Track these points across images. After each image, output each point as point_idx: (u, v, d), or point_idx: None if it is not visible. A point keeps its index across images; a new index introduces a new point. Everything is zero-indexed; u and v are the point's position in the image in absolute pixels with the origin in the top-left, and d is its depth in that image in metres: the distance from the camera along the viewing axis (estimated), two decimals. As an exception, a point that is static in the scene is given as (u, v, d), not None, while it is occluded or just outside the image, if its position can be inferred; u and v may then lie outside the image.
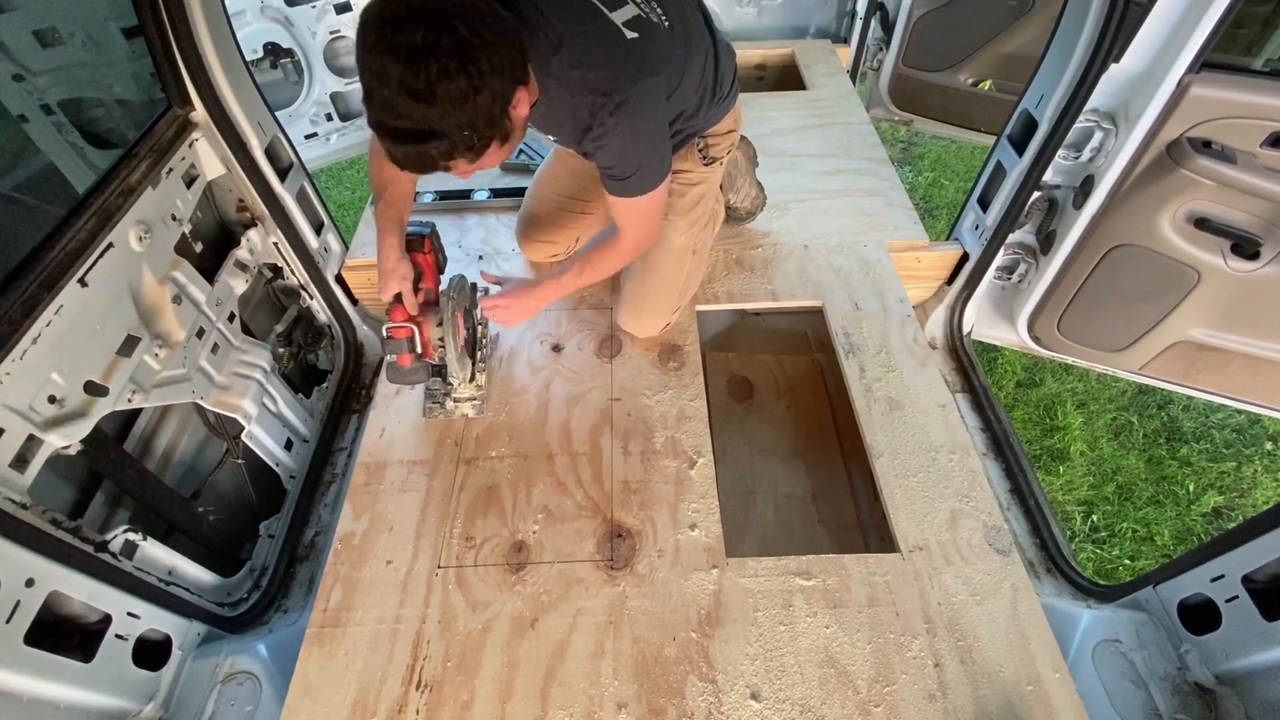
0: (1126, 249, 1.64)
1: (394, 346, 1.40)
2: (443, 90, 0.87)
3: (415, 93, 0.86)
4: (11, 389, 1.01)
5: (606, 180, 1.27)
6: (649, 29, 1.15)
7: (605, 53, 1.11)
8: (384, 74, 0.85)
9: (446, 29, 0.85)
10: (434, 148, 0.93)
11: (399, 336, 1.39)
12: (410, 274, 1.40)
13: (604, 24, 1.11)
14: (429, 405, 1.57)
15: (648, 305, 1.66)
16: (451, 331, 1.41)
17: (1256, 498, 2.34)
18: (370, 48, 0.86)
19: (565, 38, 1.08)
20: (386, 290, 1.37)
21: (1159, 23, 1.40)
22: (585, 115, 1.15)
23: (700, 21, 1.34)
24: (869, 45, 2.92)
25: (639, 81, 1.13)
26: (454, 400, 1.57)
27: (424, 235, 1.46)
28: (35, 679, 0.99)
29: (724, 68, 1.43)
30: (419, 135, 0.91)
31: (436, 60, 0.85)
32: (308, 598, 1.55)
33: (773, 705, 1.13)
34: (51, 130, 1.45)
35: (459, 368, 1.47)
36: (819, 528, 1.75)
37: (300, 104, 2.63)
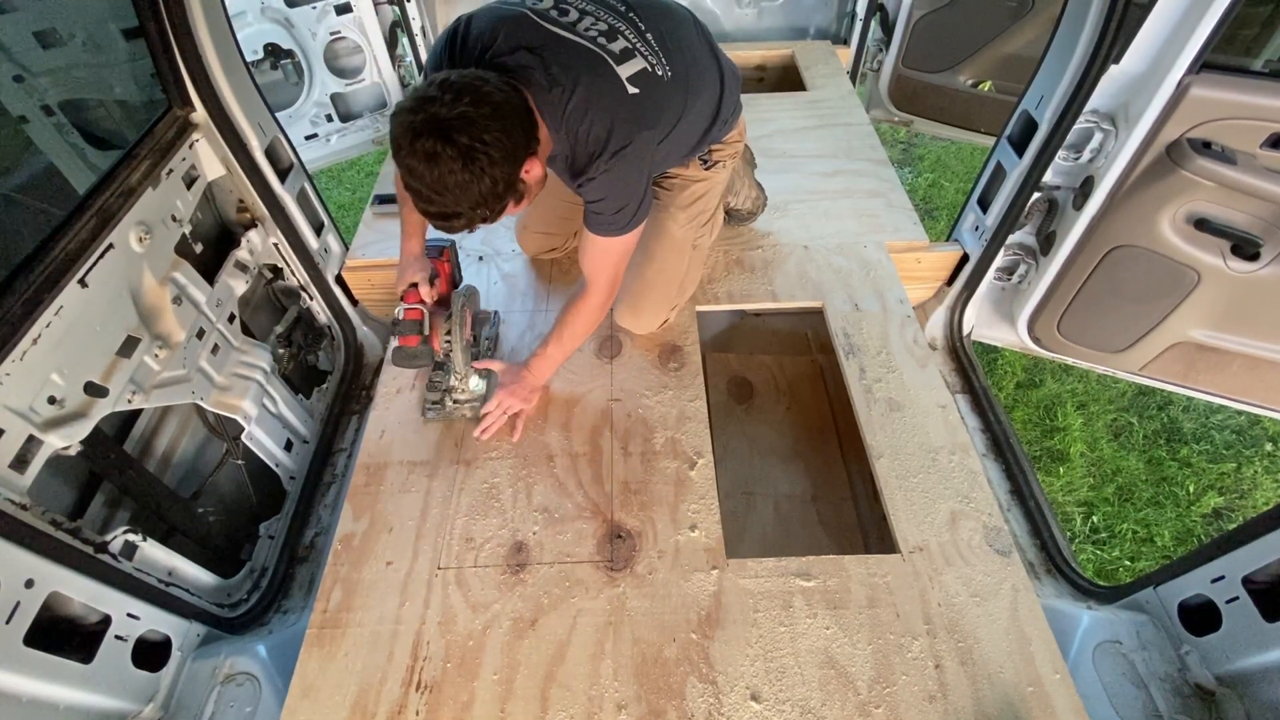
0: (1126, 250, 1.64)
1: (403, 328, 1.46)
2: (452, 183, 1.06)
3: (434, 186, 1.07)
4: (11, 389, 1.01)
5: (589, 218, 1.37)
6: (651, 83, 1.25)
7: (609, 106, 1.22)
8: (413, 171, 1.06)
9: (449, 141, 1.03)
10: (456, 222, 1.15)
11: (409, 318, 1.46)
12: (428, 269, 1.54)
13: (611, 80, 1.22)
14: (428, 405, 1.57)
15: (645, 299, 1.66)
16: (459, 325, 1.48)
17: (1256, 499, 2.34)
18: (399, 149, 1.07)
19: (576, 91, 1.20)
20: (403, 280, 1.51)
21: (1159, 24, 1.40)
22: (583, 161, 1.27)
23: (709, 57, 1.42)
24: (869, 46, 2.92)
25: (636, 135, 1.24)
26: (454, 401, 1.57)
27: (444, 246, 1.63)
28: (35, 680, 0.99)
29: (728, 97, 1.50)
30: (444, 215, 1.13)
31: (443, 164, 1.04)
32: (307, 598, 1.54)
33: (773, 706, 1.13)
34: (52, 131, 1.45)
35: (462, 361, 1.50)
36: (819, 528, 1.75)
37: (300, 105, 2.64)
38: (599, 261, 1.43)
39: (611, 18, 1.27)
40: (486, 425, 1.52)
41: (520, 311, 1.82)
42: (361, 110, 2.85)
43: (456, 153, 1.05)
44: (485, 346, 1.69)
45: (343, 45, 2.66)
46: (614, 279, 1.46)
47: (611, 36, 1.25)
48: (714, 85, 1.44)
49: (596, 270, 1.44)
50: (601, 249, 1.40)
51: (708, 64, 1.42)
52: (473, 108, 1.05)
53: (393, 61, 2.77)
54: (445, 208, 1.11)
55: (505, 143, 1.09)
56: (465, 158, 1.05)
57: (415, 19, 2.83)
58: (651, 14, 1.32)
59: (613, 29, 1.25)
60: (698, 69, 1.37)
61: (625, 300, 1.69)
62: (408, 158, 1.06)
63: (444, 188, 1.07)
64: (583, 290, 1.48)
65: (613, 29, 1.25)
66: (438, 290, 1.56)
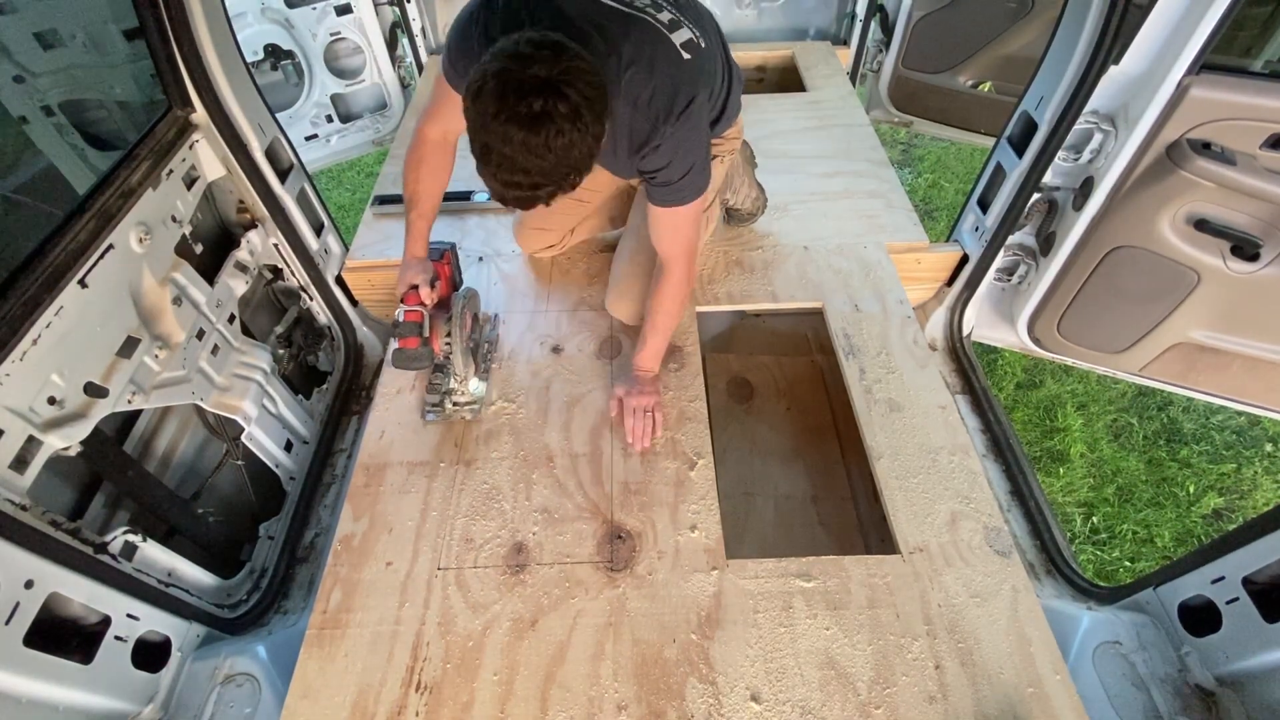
0: (1126, 250, 1.64)
1: (403, 330, 1.45)
2: (558, 144, 0.99)
3: (535, 151, 0.99)
4: (11, 390, 1.01)
5: (655, 191, 1.34)
6: (698, 51, 1.26)
7: (669, 72, 1.21)
8: (507, 137, 0.98)
9: (561, 96, 0.97)
10: (544, 193, 1.07)
11: (409, 320, 1.45)
12: (429, 272, 1.51)
13: (668, 47, 1.22)
14: (428, 407, 1.57)
15: (638, 286, 1.65)
16: (459, 327, 1.49)
17: (1256, 499, 2.34)
18: (493, 115, 0.97)
19: (633, 60, 1.18)
20: (404, 282, 1.49)
21: (1158, 24, 1.40)
22: (645, 128, 1.24)
23: (722, 50, 1.44)
24: (869, 47, 2.92)
25: (695, 95, 1.23)
26: (453, 404, 1.57)
27: (445, 249, 1.61)
28: (34, 681, 0.99)
29: (734, 92, 1.51)
30: (533, 185, 1.05)
31: (554, 124, 0.97)
32: (307, 599, 1.54)
33: (773, 707, 1.13)
34: (52, 131, 1.45)
35: (463, 363, 1.51)
36: (819, 529, 1.75)
37: (300, 105, 2.64)
38: (672, 237, 1.41)
39: None
40: (636, 435, 1.49)
41: (520, 312, 1.82)
42: (361, 111, 2.85)
43: (568, 109, 0.98)
44: (485, 349, 1.68)
45: (343, 46, 2.66)
46: (690, 250, 1.44)
47: (658, 7, 1.25)
48: (723, 74, 1.45)
49: (672, 245, 1.42)
50: (672, 223, 1.38)
51: (722, 53, 1.44)
52: (574, 62, 0.99)
53: (393, 62, 2.78)
54: (542, 175, 1.03)
55: (602, 99, 1.03)
56: (575, 116, 0.99)
57: (415, 20, 2.84)
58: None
59: (656, 2, 1.26)
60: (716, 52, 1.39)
61: (618, 288, 1.69)
62: (506, 124, 0.97)
63: (547, 150, 0.99)
64: (662, 273, 1.46)
65: (656, 2, 1.26)
66: (438, 292, 1.54)
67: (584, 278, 1.91)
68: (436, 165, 1.48)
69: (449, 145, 1.49)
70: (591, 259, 1.96)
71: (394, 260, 1.97)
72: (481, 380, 1.60)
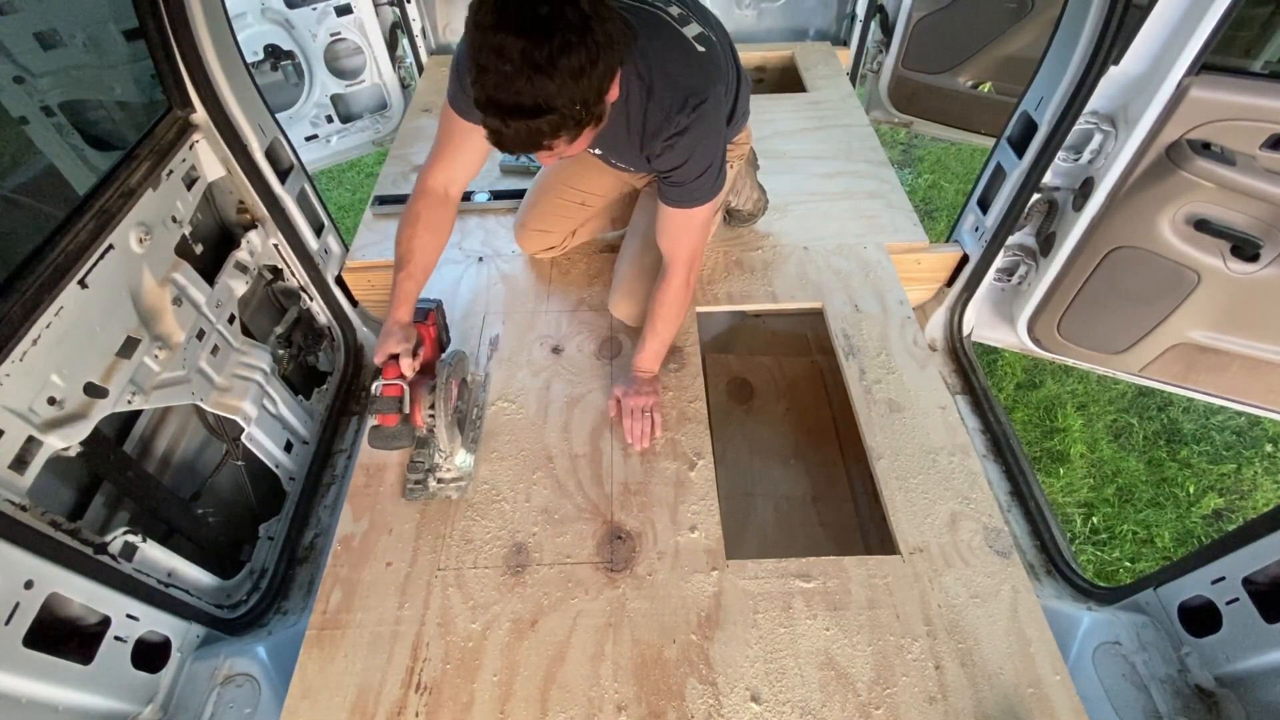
0: (1126, 251, 1.64)
1: (381, 405, 1.28)
2: (563, 63, 0.87)
3: (537, 65, 0.86)
4: (11, 390, 1.01)
5: (669, 191, 1.30)
6: (710, 45, 1.23)
7: (683, 60, 1.18)
8: (503, 49, 0.86)
9: (570, 2, 0.86)
10: (546, 122, 0.93)
11: (388, 395, 1.29)
12: (412, 339, 1.34)
13: (680, 38, 1.19)
14: (410, 485, 1.42)
15: (641, 287, 1.64)
16: (444, 398, 1.33)
17: (1256, 500, 2.34)
18: (490, 25, 0.86)
19: (649, 48, 1.15)
20: (383, 350, 1.31)
21: (1158, 25, 1.40)
22: (659, 118, 1.19)
23: (728, 48, 1.42)
24: (869, 47, 2.93)
25: (711, 88, 1.19)
26: (437, 480, 1.43)
27: (429, 309, 1.45)
28: (34, 681, 0.99)
29: (742, 96, 1.50)
30: (534, 110, 0.91)
31: (560, 33, 0.86)
32: (307, 600, 1.54)
33: (773, 708, 1.13)
34: (52, 132, 1.45)
35: (447, 438, 1.37)
36: (819, 530, 1.75)
37: (301, 106, 2.64)
38: (680, 238, 1.37)
39: None
40: (635, 435, 1.47)
41: (520, 312, 1.82)
42: (362, 111, 2.85)
43: (578, 18, 0.86)
44: (474, 415, 1.55)
45: (343, 46, 2.67)
46: (695, 253, 1.40)
47: (667, 2, 1.22)
48: (734, 80, 1.43)
49: (677, 247, 1.39)
50: (682, 224, 1.34)
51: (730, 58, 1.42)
52: None
53: (393, 63, 2.78)
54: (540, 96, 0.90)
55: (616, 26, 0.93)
56: (585, 29, 0.87)
57: (415, 20, 2.84)
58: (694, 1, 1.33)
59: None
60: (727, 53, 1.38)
61: (622, 288, 1.68)
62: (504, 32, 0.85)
63: (551, 66, 0.87)
64: (665, 274, 1.43)
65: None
66: (421, 358, 1.37)
67: (584, 278, 1.91)
68: (435, 222, 1.36)
69: (451, 201, 1.38)
70: (591, 259, 1.96)
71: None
72: (469, 452, 1.47)
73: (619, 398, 1.53)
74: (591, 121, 1.01)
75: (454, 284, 1.89)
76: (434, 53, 2.99)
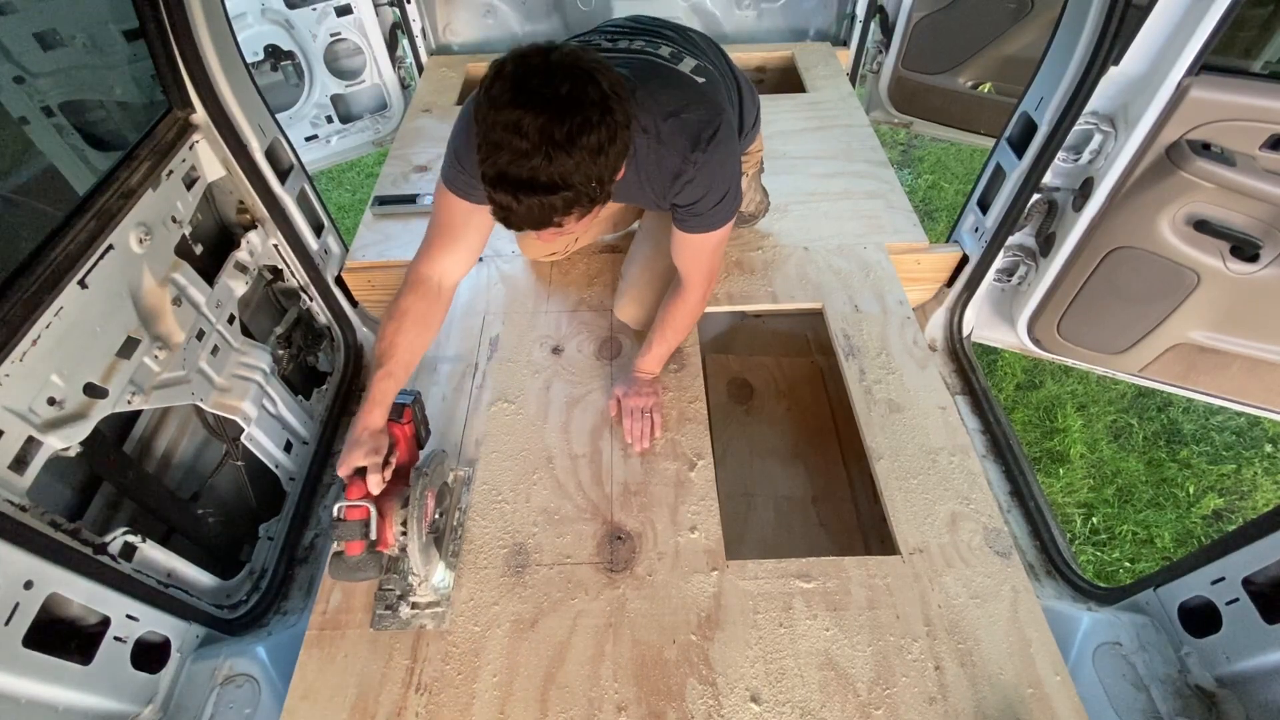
0: (1126, 251, 1.64)
1: (344, 531, 1.08)
2: (583, 141, 0.86)
3: (556, 142, 0.85)
4: (11, 390, 1.01)
5: (685, 220, 1.30)
6: (709, 75, 1.23)
7: (686, 97, 1.17)
8: (520, 125, 0.84)
9: (591, 81, 0.86)
10: (560, 199, 0.90)
11: (351, 519, 1.09)
12: (383, 448, 1.16)
13: (677, 77, 1.19)
14: (379, 613, 1.24)
15: (650, 294, 1.64)
16: (418, 515, 1.15)
17: (1256, 500, 2.34)
18: (507, 101, 0.84)
19: (649, 99, 1.13)
20: (348, 463, 1.11)
21: (1158, 25, 1.40)
22: (676, 162, 1.18)
23: (726, 65, 1.44)
24: (869, 48, 2.93)
25: (720, 117, 1.18)
26: (411, 606, 1.25)
27: (406, 405, 1.25)
28: (34, 681, 0.99)
29: (746, 106, 1.50)
30: (550, 187, 0.88)
31: (581, 111, 0.85)
32: (307, 600, 1.54)
33: (773, 708, 1.13)
34: (52, 132, 1.45)
35: (422, 561, 1.18)
36: (819, 530, 1.75)
37: (301, 106, 2.64)
38: (700, 260, 1.38)
39: (650, 36, 1.27)
40: (635, 435, 1.47)
41: (520, 312, 1.82)
42: (362, 112, 2.85)
43: (599, 97, 0.85)
44: (456, 521, 1.37)
45: (343, 47, 2.67)
46: (713, 273, 1.42)
47: (656, 47, 1.23)
48: (737, 95, 1.44)
49: (695, 268, 1.39)
50: (699, 246, 1.34)
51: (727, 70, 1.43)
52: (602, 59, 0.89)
53: (393, 63, 2.78)
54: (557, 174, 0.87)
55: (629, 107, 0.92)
56: (605, 108, 0.86)
57: (415, 20, 2.84)
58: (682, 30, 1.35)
59: (653, 43, 1.24)
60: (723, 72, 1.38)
61: (631, 293, 1.67)
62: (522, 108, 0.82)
63: (570, 144, 0.85)
64: (681, 288, 1.44)
65: (653, 43, 1.24)
66: (396, 460, 1.20)
67: (584, 278, 1.91)
68: (424, 316, 1.25)
69: (445, 295, 1.28)
70: (591, 260, 1.96)
71: (394, 261, 1.98)
72: (449, 568, 1.29)
73: (619, 398, 1.53)
74: (603, 199, 0.99)
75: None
76: (434, 53, 2.99)
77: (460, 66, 2.86)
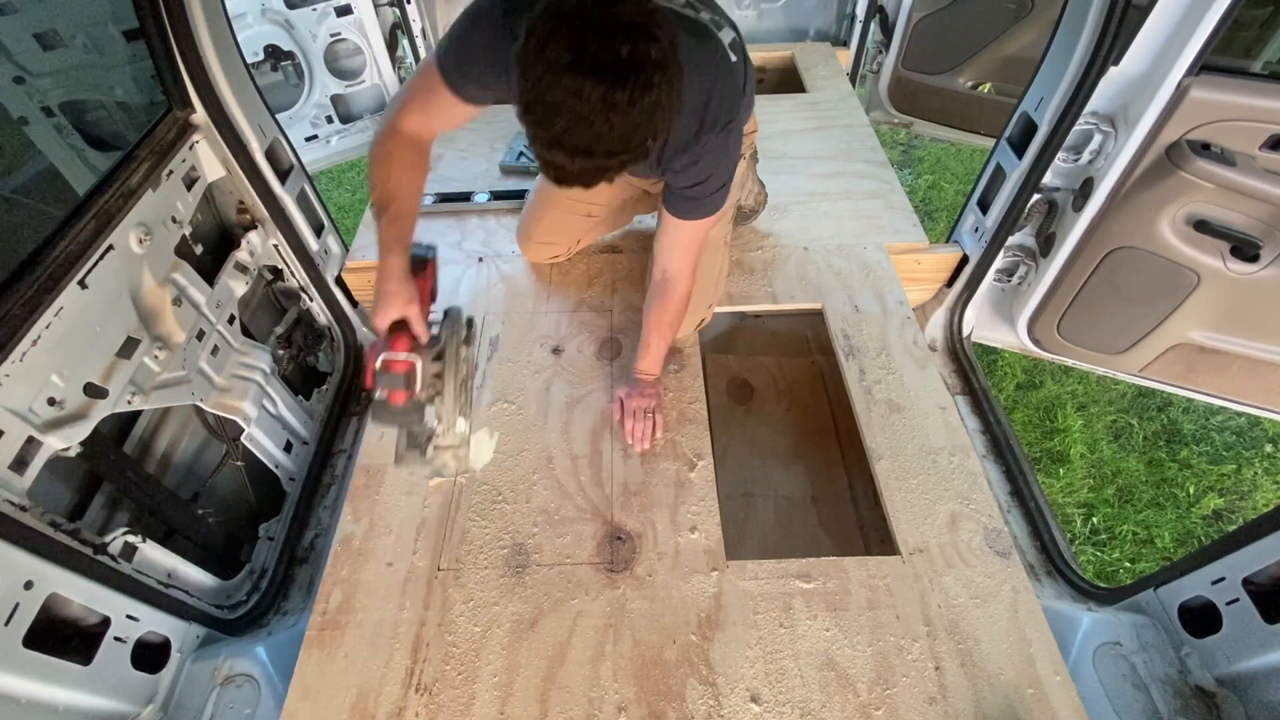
0: (1126, 251, 1.64)
1: (390, 381, 1.13)
2: (643, 104, 0.83)
3: (616, 107, 0.81)
4: (11, 391, 1.01)
5: (677, 201, 1.29)
6: (739, 53, 1.20)
7: (718, 74, 1.13)
8: (581, 91, 0.80)
9: (653, 40, 0.81)
10: (618, 160, 0.88)
11: (398, 370, 1.13)
12: (416, 297, 1.18)
13: (720, 50, 1.14)
14: (405, 452, 1.27)
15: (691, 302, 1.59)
16: (454, 370, 1.23)
17: (1257, 500, 2.34)
18: (567, 64, 0.79)
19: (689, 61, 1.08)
20: (387, 315, 1.14)
21: (1158, 25, 1.40)
22: (685, 135, 1.16)
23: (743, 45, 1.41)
24: (868, 48, 2.93)
25: (739, 103, 1.16)
26: (435, 448, 1.28)
27: (427, 258, 1.27)
28: (34, 681, 0.99)
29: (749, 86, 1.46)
30: (607, 153, 0.86)
31: (644, 73, 0.81)
32: (307, 600, 1.54)
33: (773, 708, 1.13)
34: (52, 132, 1.45)
35: (453, 408, 1.24)
36: (819, 530, 1.75)
37: (301, 106, 2.64)
38: (687, 250, 1.37)
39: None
40: (636, 436, 1.47)
41: (520, 312, 1.82)
42: (362, 112, 2.85)
43: (659, 56, 0.81)
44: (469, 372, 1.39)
45: (343, 47, 2.66)
46: (695, 263, 1.41)
47: (695, 9, 1.16)
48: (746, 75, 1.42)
49: (683, 259, 1.38)
50: (690, 235, 1.34)
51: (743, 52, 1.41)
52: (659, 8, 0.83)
53: (393, 63, 2.78)
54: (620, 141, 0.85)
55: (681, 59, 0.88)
56: (663, 67, 0.82)
57: (415, 21, 2.83)
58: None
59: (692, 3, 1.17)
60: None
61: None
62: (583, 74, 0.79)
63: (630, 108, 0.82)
64: (666, 285, 1.42)
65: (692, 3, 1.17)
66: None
67: (584, 278, 1.91)
68: (412, 162, 1.23)
69: (424, 145, 1.27)
70: (591, 260, 1.96)
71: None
72: (466, 419, 1.32)
73: (621, 399, 1.54)
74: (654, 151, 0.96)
75: (454, 284, 1.89)
76: (434, 53, 2.99)
77: (460, 66, 2.86)
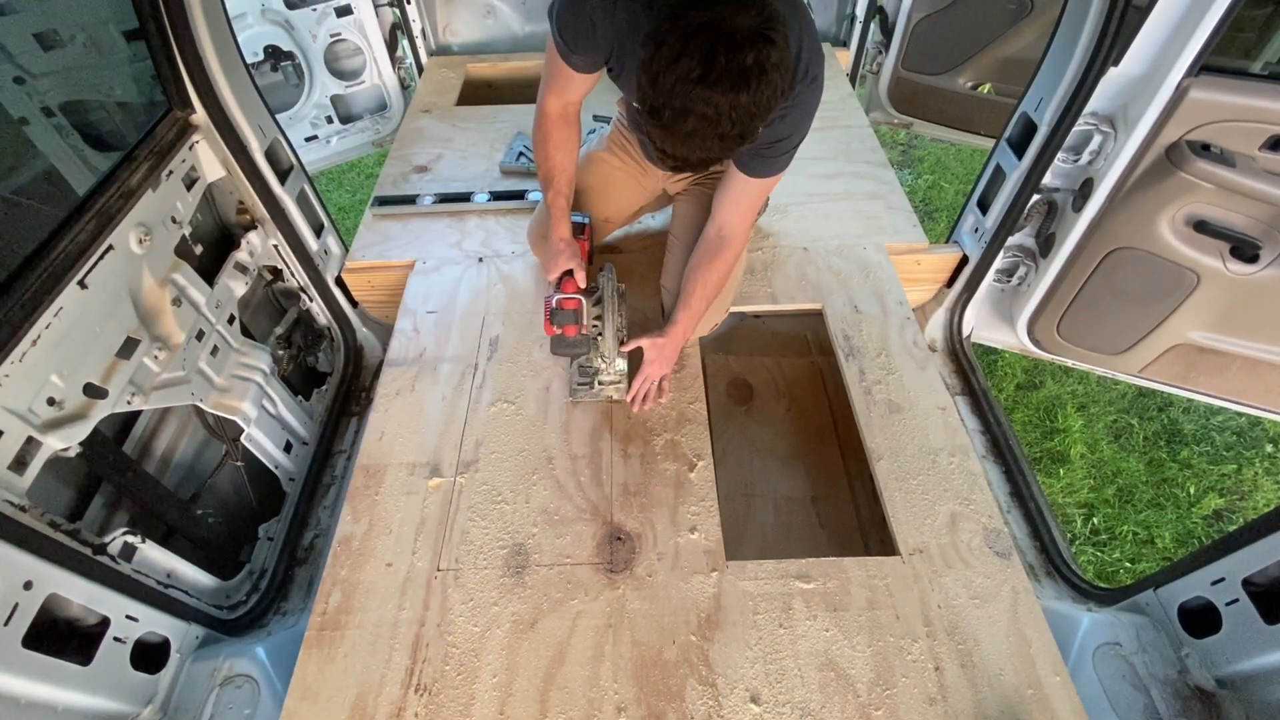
0: (1126, 252, 1.64)
1: (564, 318, 1.42)
2: (762, 98, 0.89)
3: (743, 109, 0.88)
4: (11, 391, 1.01)
5: (752, 160, 1.28)
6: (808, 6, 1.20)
7: (804, 23, 1.11)
8: (713, 101, 0.87)
9: (771, 43, 0.87)
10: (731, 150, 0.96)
11: (569, 308, 1.42)
12: (578, 255, 1.46)
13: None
14: (578, 385, 1.58)
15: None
16: (611, 309, 1.51)
17: (1257, 500, 2.34)
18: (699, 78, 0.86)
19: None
20: (556, 267, 1.44)
21: (1158, 26, 1.40)
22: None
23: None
24: (868, 48, 2.93)
25: (818, 55, 1.15)
26: (600, 383, 1.58)
27: (585, 224, 1.60)
28: (33, 682, 0.99)
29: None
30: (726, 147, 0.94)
31: (765, 76, 0.87)
32: (306, 600, 1.54)
33: (772, 709, 1.13)
34: (52, 133, 1.45)
35: (613, 346, 1.51)
36: (819, 530, 1.75)
37: (300, 106, 2.64)
38: (750, 208, 1.37)
39: None
40: (639, 397, 1.53)
41: (520, 312, 1.82)
42: (361, 112, 2.85)
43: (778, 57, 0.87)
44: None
45: (343, 47, 2.67)
46: (753, 223, 1.42)
47: None
48: None
49: (744, 216, 1.39)
50: (758, 191, 1.34)
51: None
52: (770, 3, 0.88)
53: (393, 64, 2.78)
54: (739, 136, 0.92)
55: None
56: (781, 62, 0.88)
57: (415, 21, 2.84)
58: None
59: None
60: None
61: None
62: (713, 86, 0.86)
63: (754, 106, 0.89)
64: (722, 241, 1.41)
65: None
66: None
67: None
68: (565, 140, 1.44)
69: (571, 117, 1.45)
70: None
71: (394, 261, 1.98)
72: (624, 358, 1.57)
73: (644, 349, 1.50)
74: None
75: (454, 284, 1.89)
76: (434, 54, 2.99)
77: (460, 67, 2.86)
